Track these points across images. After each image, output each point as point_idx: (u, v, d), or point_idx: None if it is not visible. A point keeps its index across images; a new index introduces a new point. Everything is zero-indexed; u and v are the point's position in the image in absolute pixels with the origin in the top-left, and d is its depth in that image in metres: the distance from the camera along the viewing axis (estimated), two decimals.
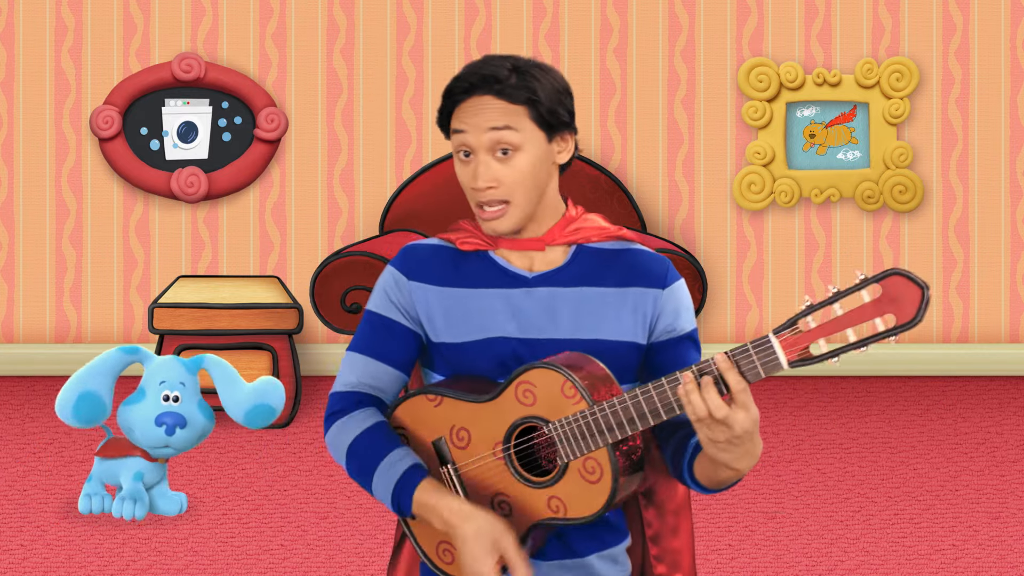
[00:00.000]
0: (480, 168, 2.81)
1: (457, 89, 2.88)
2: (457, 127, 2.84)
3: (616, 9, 6.49)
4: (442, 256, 2.91)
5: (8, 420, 5.86)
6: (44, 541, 4.68)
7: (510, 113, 2.82)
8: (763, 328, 6.53)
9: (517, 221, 2.82)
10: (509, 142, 2.81)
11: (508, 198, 2.81)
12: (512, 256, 2.89)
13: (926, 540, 4.71)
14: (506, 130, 2.81)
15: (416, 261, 2.91)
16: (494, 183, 2.80)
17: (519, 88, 2.83)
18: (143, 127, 6.45)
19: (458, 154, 2.85)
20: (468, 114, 2.84)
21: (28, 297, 6.50)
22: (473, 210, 2.88)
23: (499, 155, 2.80)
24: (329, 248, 6.51)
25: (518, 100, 2.83)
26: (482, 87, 2.86)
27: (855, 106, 6.49)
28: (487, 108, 2.83)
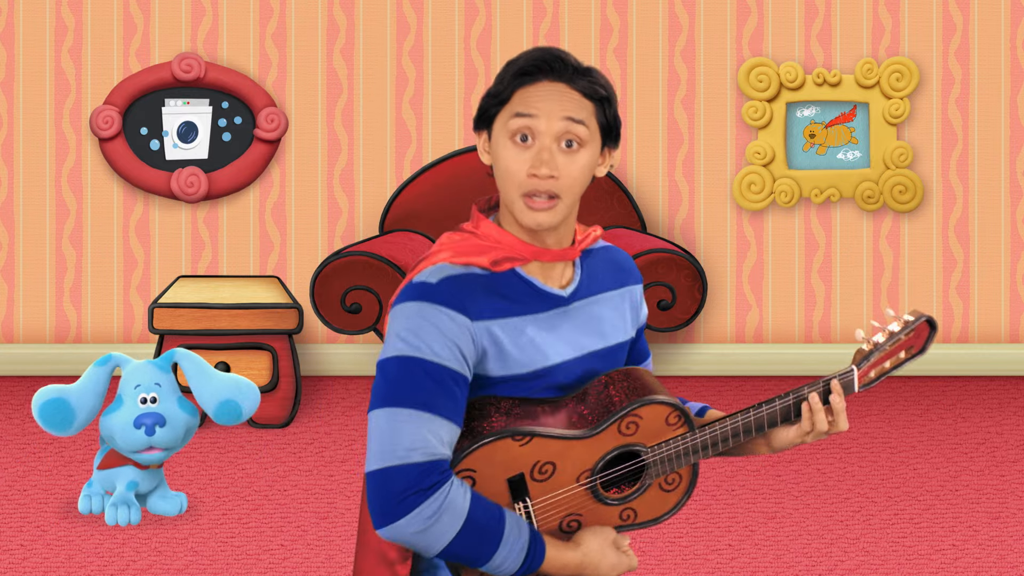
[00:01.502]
0: (545, 155, 2.66)
1: (529, 68, 2.71)
2: (523, 110, 2.67)
3: (616, 9, 6.49)
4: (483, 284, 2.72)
5: (8, 420, 5.86)
6: (44, 541, 4.68)
7: (584, 107, 2.70)
8: (763, 328, 6.53)
9: (561, 219, 2.71)
10: (578, 136, 2.68)
11: (560, 193, 2.68)
12: (537, 271, 2.77)
13: (926, 540, 4.71)
14: (579, 124, 2.68)
15: (469, 294, 2.69)
16: (556, 173, 2.66)
17: (595, 84, 2.72)
18: (143, 127, 6.45)
19: (514, 137, 2.68)
20: (539, 97, 2.68)
21: (28, 297, 6.50)
22: (512, 202, 2.70)
23: (564, 147, 2.68)
24: (329, 248, 6.51)
25: (592, 96, 2.71)
26: (558, 73, 2.71)
27: (855, 106, 6.49)
28: (564, 96, 2.69)
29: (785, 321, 6.54)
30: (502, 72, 2.73)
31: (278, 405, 5.84)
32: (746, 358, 6.51)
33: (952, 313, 6.54)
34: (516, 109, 2.68)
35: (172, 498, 4.90)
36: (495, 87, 2.72)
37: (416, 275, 2.74)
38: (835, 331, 6.53)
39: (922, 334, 2.81)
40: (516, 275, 2.74)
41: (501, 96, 2.70)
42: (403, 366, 2.62)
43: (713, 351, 6.51)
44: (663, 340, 6.52)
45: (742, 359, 6.51)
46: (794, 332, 6.54)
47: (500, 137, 2.70)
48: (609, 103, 2.71)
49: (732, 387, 6.35)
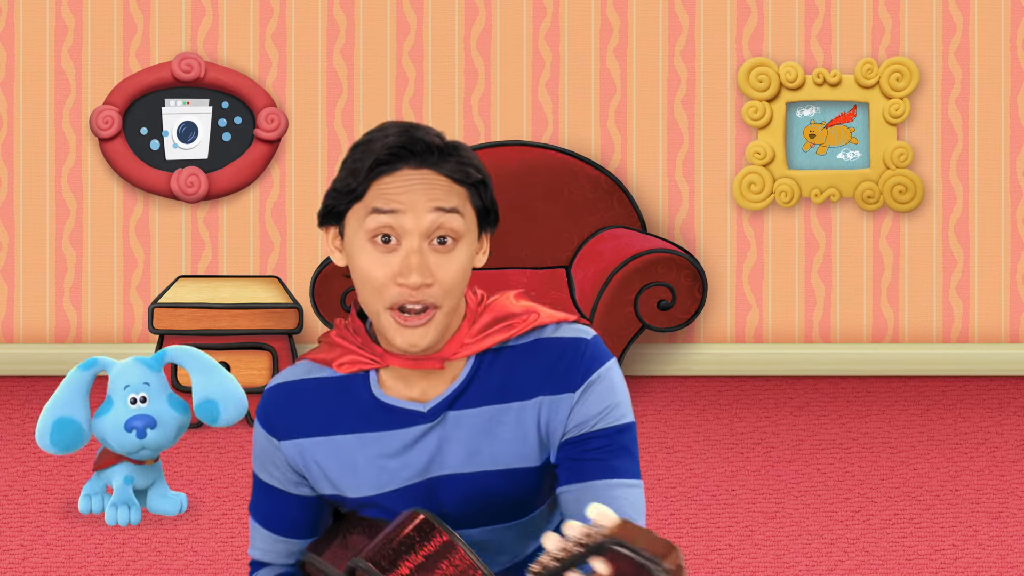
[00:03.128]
0: (415, 258, 2.21)
1: (385, 157, 2.25)
2: (382, 205, 2.22)
3: (616, 9, 6.49)
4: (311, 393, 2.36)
5: (8, 420, 5.86)
6: (44, 541, 4.68)
7: (455, 193, 2.26)
8: (763, 328, 6.53)
9: (437, 334, 2.26)
10: (453, 229, 2.24)
11: (438, 302, 2.24)
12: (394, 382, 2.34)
13: (926, 540, 4.70)
14: (453, 214, 2.24)
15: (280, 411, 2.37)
16: (429, 280, 2.22)
17: (464, 165, 2.28)
18: (143, 127, 6.45)
19: (373, 239, 2.23)
20: (399, 188, 2.23)
21: (28, 297, 6.50)
22: (378, 315, 2.26)
23: (435, 244, 2.23)
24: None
25: (462, 180, 2.27)
26: (420, 158, 2.26)
27: (855, 106, 6.49)
28: (430, 184, 2.24)
29: (785, 321, 6.54)
30: (351, 158, 2.28)
31: None
32: (746, 358, 6.50)
33: (952, 313, 6.54)
34: (374, 204, 2.23)
35: (172, 498, 4.89)
36: (344, 180, 2.27)
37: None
38: (835, 331, 6.53)
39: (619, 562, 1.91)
40: (364, 382, 2.35)
41: (355, 193, 2.25)
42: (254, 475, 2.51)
43: (713, 351, 6.51)
44: (663, 340, 6.52)
45: (742, 359, 6.51)
46: (794, 332, 6.54)
47: (356, 238, 2.25)
48: (484, 185, 2.29)
49: (732, 387, 6.35)
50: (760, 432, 5.75)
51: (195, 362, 4.82)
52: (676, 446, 5.59)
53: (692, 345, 6.53)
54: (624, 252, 5.97)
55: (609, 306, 5.88)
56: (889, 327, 6.54)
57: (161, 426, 4.77)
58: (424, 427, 2.32)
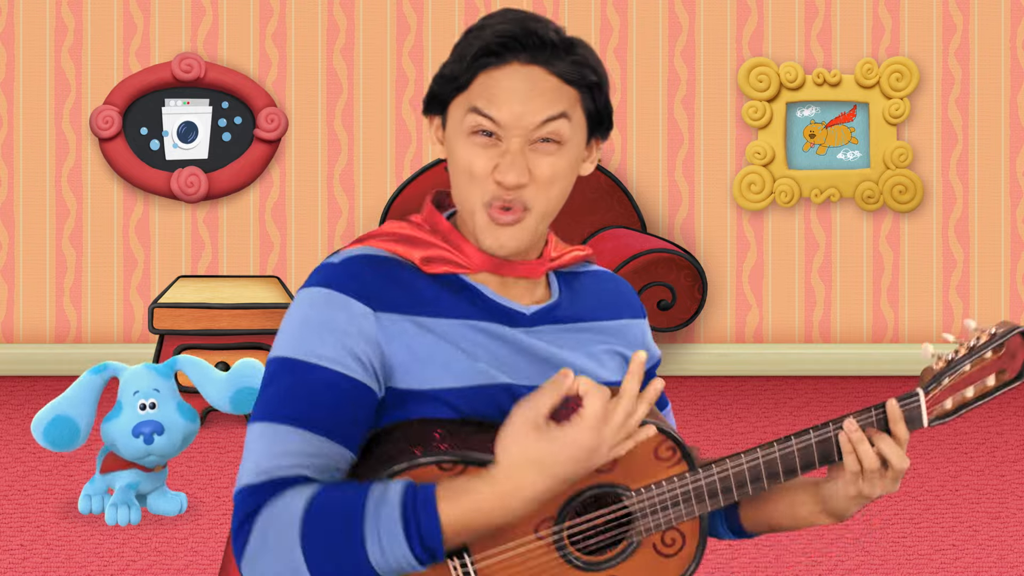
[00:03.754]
0: (513, 158, 2.09)
1: (495, 47, 2.10)
2: (486, 108, 2.10)
3: (616, 9, 6.49)
4: (403, 273, 2.15)
5: (8, 420, 5.86)
6: (44, 541, 4.68)
7: (565, 96, 2.11)
8: (763, 328, 6.53)
9: (530, 237, 2.14)
10: (559, 134, 2.11)
11: (531, 204, 2.12)
12: (492, 283, 2.19)
13: (926, 540, 4.70)
14: (561, 119, 2.11)
15: (375, 281, 2.12)
16: (525, 179, 2.10)
17: (581, 66, 2.13)
18: (143, 127, 6.45)
19: (474, 133, 2.11)
20: (507, 89, 2.09)
21: (28, 297, 6.50)
22: (472, 212, 2.14)
23: (538, 143, 2.11)
24: (329, 248, 6.51)
25: (575, 81, 2.12)
26: (532, 53, 2.11)
27: (855, 106, 6.49)
28: (539, 85, 2.10)
29: (785, 321, 6.54)
30: (461, 43, 2.14)
31: None
32: (746, 358, 6.50)
33: (952, 313, 6.54)
34: (476, 103, 2.10)
35: (172, 498, 4.89)
36: (452, 66, 2.14)
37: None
38: (835, 331, 6.53)
39: (1019, 354, 2.16)
40: (459, 280, 2.17)
41: (458, 82, 2.13)
42: (278, 371, 2.09)
43: (713, 351, 6.51)
44: (663, 340, 6.52)
45: (742, 359, 6.51)
46: (794, 332, 6.54)
47: (457, 131, 2.13)
48: (599, 88, 2.14)
49: (732, 387, 6.35)
50: (760, 432, 5.75)
51: (202, 371, 4.84)
52: None
53: (692, 345, 6.53)
54: (624, 252, 5.97)
55: None
56: (889, 327, 6.54)
57: (168, 432, 4.77)
58: (522, 331, 2.16)
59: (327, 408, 2.05)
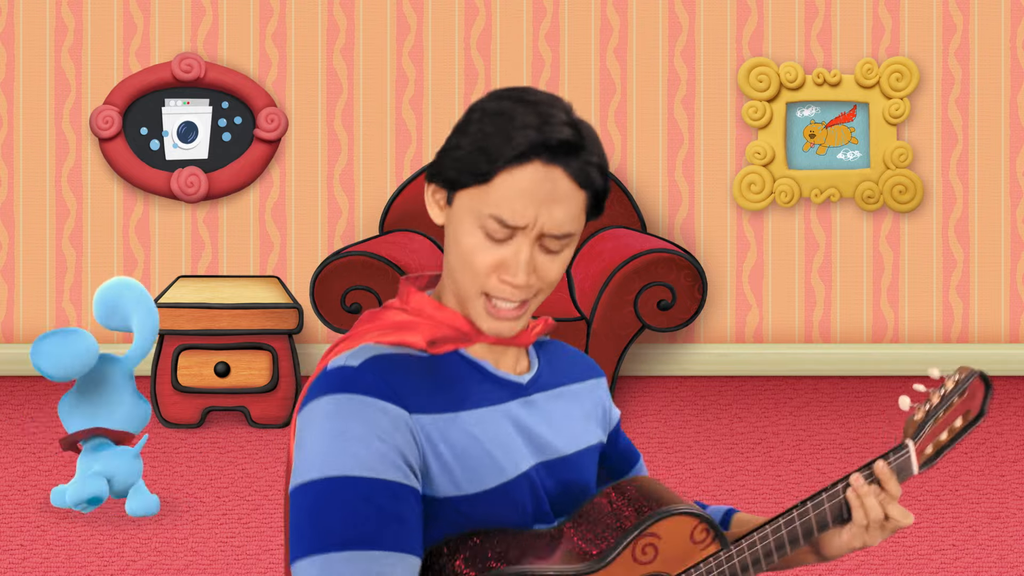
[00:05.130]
0: (523, 259, 2.07)
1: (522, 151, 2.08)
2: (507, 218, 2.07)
3: (616, 9, 6.49)
4: (418, 368, 2.10)
5: (8, 420, 5.86)
6: (44, 541, 4.68)
7: (576, 199, 2.12)
8: (763, 328, 6.53)
9: (524, 326, 2.15)
10: (570, 236, 2.12)
11: (534, 301, 2.13)
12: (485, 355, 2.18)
13: (926, 540, 4.70)
14: (572, 225, 2.11)
15: (403, 379, 2.06)
16: (535, 280, 2.10)
17: (590, 166, 2.12)
18: (143, 127, 6.45)
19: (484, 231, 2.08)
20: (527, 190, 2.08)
21: (28, 297, 6.50)
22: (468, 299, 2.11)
23: (547, 244, 2.11)
24: (329, 248, 6.51)
25: (585, 183, 2.12)
26: (551, 153, 2.10)
27: (855, 106, 6.49)
28: (558, 189, 2.09)
29: (785, 321, 6.54)
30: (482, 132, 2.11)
31: (278, 405, 5.84)
32: (746, 358, 6.51)
33: (952, 313, 6.54)
34: (496, 209, 2.07)
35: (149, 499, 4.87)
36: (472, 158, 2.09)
37: (331, 360, 2.11)
38: (835, 331, 6.53)
39: (977, 394, 2.32)
40: (460, 357, 2.15)
41: (483, 178, 2.09)
42: (327, 492, 1.96)
43: (713, 351, 6.51)
44: (663, 340, 6.52)
45: (742, 359, 6.51)
46: (794, 332, 6.54)
47: (467, 219, 2.10)
48: (606, 192, 2.16)
49: (732, 387, 6.35)
50: (760, 432, 5.75)
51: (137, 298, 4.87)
52: (676, 446, 5.59)
53: (692, 345, 6.53)
54: (624, 252, 5.97)
55: (609, 306, 5.88)
56: (889, 327, 6.54)
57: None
58: (521, 402, 2.16)
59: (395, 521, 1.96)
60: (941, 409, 2.29)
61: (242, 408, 5.82)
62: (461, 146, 2.11)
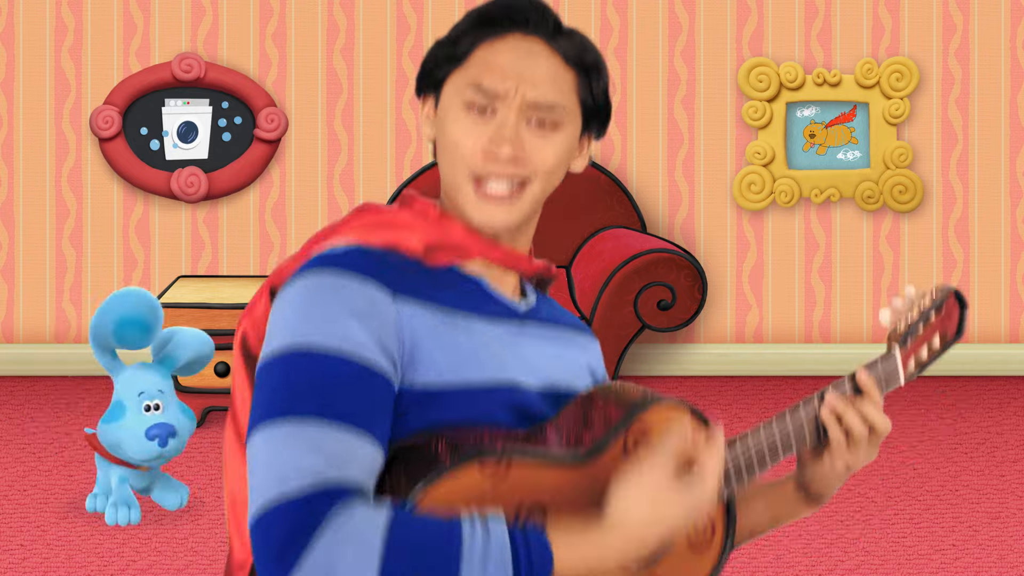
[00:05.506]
0: (509, 130, 1.97)
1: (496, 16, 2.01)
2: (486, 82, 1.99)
3: (616, 9, 6.49)
4: (402, 262, 1.98)
5: (8, 420, 5.86)
6: (44, 541, 4.68)
7: (563, 75, 2.02)
8: (763, 328, 6.53)
9: (523, 216, 2.01)
10: (556, 121, 2.01)
11: (528, 178, 2.00)
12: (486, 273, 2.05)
13: (926, 540, 4.71)
14: (557, 95, 2.00)
15: (392, 268, 1.95)
16: (521, 154, 1.98)
17: (580, 47, 2.03)
18: (143, 127, 6.45)
19: (469, 109, 1.99)
20: (506, 57, 1.99)
21: (28, 297, 6.50)
22: (458, 188, 2.00)
23: (532, 124, 2.00)
24: None
25: (574, 61, 2.03)
26: (534, 26, 2.02)
27: (855, 106, 6.49)
28: (540, 58, 2.00)
29: (785, 321, 6.54)
30: (462, 20, 2.04)
31: None
32: (746, 358, 6.51)
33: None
34: (475, 78, 1.99)
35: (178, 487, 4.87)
36: (449, 38, 2.03)
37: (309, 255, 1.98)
38: (835, 331, 6.53)
39: (952, 313, 2.25)
40: (457, 273, 2.02)
41: (456, 52, 2.01)
42: (286, 365, 1.83)
43: (713, 351, 6.51)
44: (663, 340, 6.52)
45: (742, 359, 6.51)
46: (794, 332, 6.54)
47: (450, 105, 2.00)
48: (598, 73, 2.05)
49: (732, 387, 6.35)
50: None
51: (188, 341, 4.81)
52: None
53: (692, 345, 6.53)
54: (624, 252, 5.97)
55: (609, 306, 5.88)
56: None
57: (179, 434, 4.72)
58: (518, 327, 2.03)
59: (361, 401, 1.82)
60: (920, 323, 2.21)
61: None
62: (438, 42, 2.06)
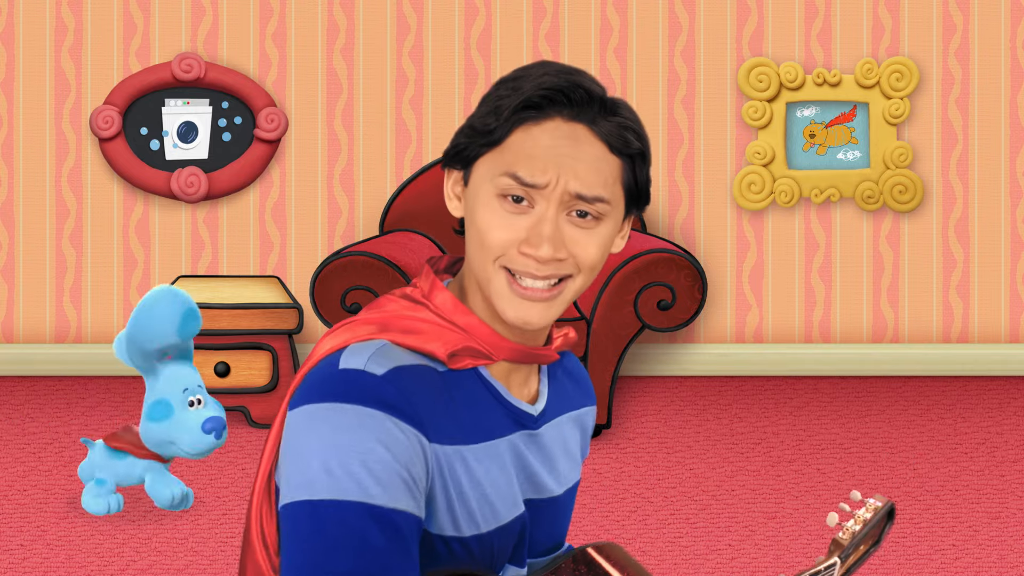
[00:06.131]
0: (548, 227, 1.81)
1: (538, 100, 1.84)
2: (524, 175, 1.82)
3: (616, 9, 6.49)
4: (438, 386, 1.85)
5: (8, 420, 5.86)
6: (44, 541, 4.68)
7: (607, 164, 1.87)
8: (763, 328, 6.52)
9: (560, 313, 1.87)
10: (598, 206, 1.85)
11: (571, 275, 1.85)
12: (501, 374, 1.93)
13: (926, 540, 4.70)
14: (601, 187, 1.85)
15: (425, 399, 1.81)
16: (564, 254, 1.83)
17: (626, 130, 1.90)
18: (143, 127, 6.45)
19: (504, 197, 1.83)
20: (547, 146, 1.83)
21: (28, 297, 6.50)
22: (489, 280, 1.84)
23: (575, 217, 1.84)
24: (329, 248, 6.51)
25: (619, 149, 1.89)
26: (575, 108, 1.87)
27: (855, 106, 6.49)
28: (583, 147, 1.85)
29: (785, 321, 6.54)
30: (496, 94, 1.89)
31: (278, 405, 5.83)
32: (746, 358, 6.50)
33: (952, 313, 6.54)
34: (512, 166, 1.83)
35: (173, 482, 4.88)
36: (484, 117, 1.87)
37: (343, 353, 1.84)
38: (835, 331, 6.53)
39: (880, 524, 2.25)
40: (477, 375, 1.90)
41: (493, 136, 1.85)
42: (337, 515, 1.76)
43: (713, 351, 6.51)
44: (663, 340, 6.52)
45: (742, 359, 6.51)
46: (794, 332, 6.54)
47: (483, 189, 1.86)
48: (643, 159, 1.91)
49: (732, 387, 6.35)
50: (760, 432, 5.75)
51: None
52: (676, 446, 5.59)
53: (692, 345, 6.53)
54: (624, 252, 5.97)
55: (609, 306, 5.88)
56: (889, 327, 6.54)
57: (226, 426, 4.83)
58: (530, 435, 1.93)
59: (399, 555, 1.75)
60: (861, 535, 2.16)
61: (242, 408, 5.82)
62: (473, 116, 1.91)
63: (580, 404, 2.07)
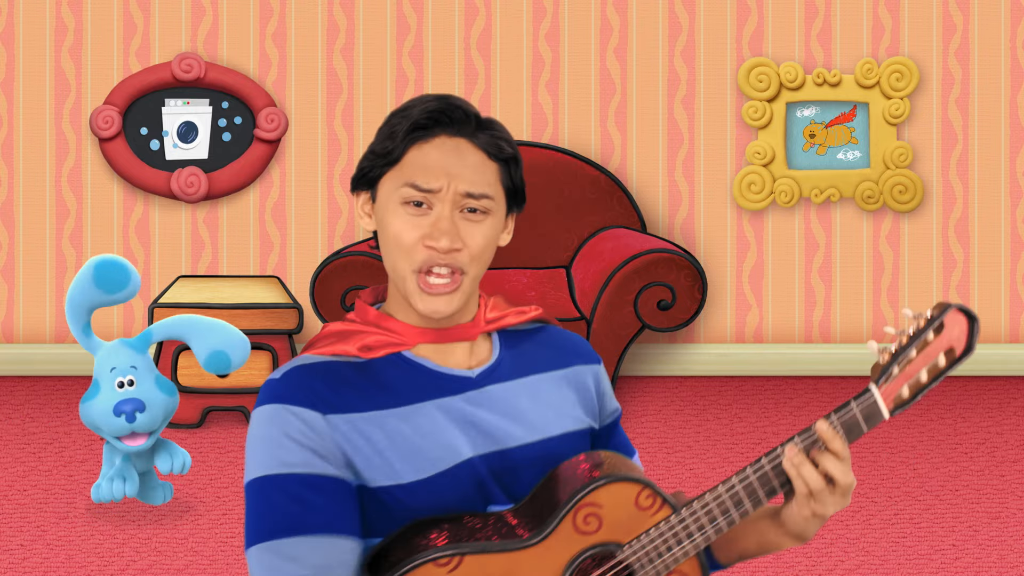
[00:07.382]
0: (445, 223, 2.27)
1: (424, 122, 2.31)
2: (420, 182, 2.27)
3: (616, 9, 6.49)
4: (346, 371, 2.30)
5: (8, 420, 5.86)
6: (44, 541, 4.68)
7: (487, 168, 2.31)
8: (763, 328, 6.53)
9: (462, 301, 2.30)
10: (483, 201, 2.30)
11: (465, 268, 2.29)
12: (431, 354, 2.34)
13: (926, 540, 4.70)
14: (485, 185, 2.30)
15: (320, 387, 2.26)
16: (458, 244, 2.27)
17: (499, 140, 2.33)
18: (143, 127, 6.45)
19: (406, 204, 2.28)
20: (436, 157, 2.28)
21: (28, 297, 6.50)
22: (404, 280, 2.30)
23: (466, 213, 2.29)
24: (329, 248, 6.51)
25: (495, 155, 2.33)
26: (456, 126, 2.32)
27: (855, 106, 6.49)
28: (466, 155, 2.30)
29: (785, 321, 6.54)
30: (389, 123, 2.34)
31: None
32: (746, 358, 6.51)
33: None
34: (410, 177, 2.28)
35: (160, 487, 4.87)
36: (382, 143, 2.32)
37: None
38: (835, 331, 6.53)
39: (958, 329, 2.24)
40: (402, 359, 2.33)
41: (391, 156, 2.30)
42: (256, 490, 2.24)
43: (713, 351, 6.51)
44: (663, 340, 6.52)
45: (742, 359, 6.51)
46: (794, 332, 6.54)
47: (390, 201, 2.30)
48: (516, 163, 2.34)
49: (732, 387, 6.35)
50: (760, 432, 5.75)
51: (185, 328, 4.75)
52: (676, 446, 5.59)
53: (692, 345, 6.53)
54: (624, 252, 5.97)
55: (609, 306, 5.88)
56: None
57: (150, 408, 4.70)
58: (473, 395, 2.31)
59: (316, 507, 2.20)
60: (911, 348, 2.22)
61: (242, 408, 5.82)
62: (372, 144, 2.35)
63: (564, 364, 2.42)
